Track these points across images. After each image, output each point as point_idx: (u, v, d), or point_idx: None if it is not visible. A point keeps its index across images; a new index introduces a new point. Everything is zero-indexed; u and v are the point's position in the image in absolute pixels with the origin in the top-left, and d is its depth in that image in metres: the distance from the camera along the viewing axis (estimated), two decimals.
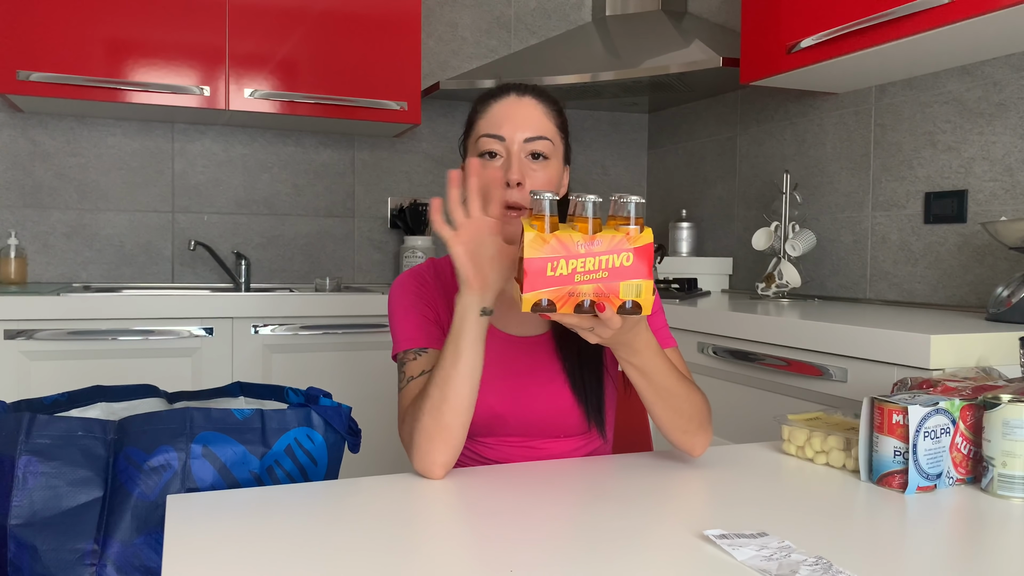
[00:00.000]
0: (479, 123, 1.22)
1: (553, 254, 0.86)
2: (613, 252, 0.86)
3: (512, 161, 1.16)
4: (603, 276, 0.86)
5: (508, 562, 0.75)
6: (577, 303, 0.87)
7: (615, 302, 0.87)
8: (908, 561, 0.79)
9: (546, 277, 0.86)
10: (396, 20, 2.70)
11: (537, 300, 0.86)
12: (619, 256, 0.86)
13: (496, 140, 1.18)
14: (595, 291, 0.87)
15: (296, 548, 0.77)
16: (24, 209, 2.67)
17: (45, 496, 1.02)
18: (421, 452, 1.03)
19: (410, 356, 1.18)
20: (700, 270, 2.82)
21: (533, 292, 0.86)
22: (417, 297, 1.24)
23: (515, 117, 1.19)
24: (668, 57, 2.58)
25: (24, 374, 2.13)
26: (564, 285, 0.86)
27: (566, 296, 0.86)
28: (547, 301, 0.86)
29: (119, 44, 2.43)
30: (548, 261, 0.86)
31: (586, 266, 0.86)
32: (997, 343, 1.48)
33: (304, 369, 2.39)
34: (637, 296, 0.88)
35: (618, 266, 0.86)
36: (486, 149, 1.19)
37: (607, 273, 0.86)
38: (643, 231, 0.88)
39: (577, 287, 0.86)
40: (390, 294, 1.27)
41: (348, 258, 3.05)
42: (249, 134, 2.91)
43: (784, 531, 0.83)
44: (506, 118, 1.19)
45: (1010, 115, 1.97)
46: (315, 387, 1.27)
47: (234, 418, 1.07)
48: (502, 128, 1.18)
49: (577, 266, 0.86)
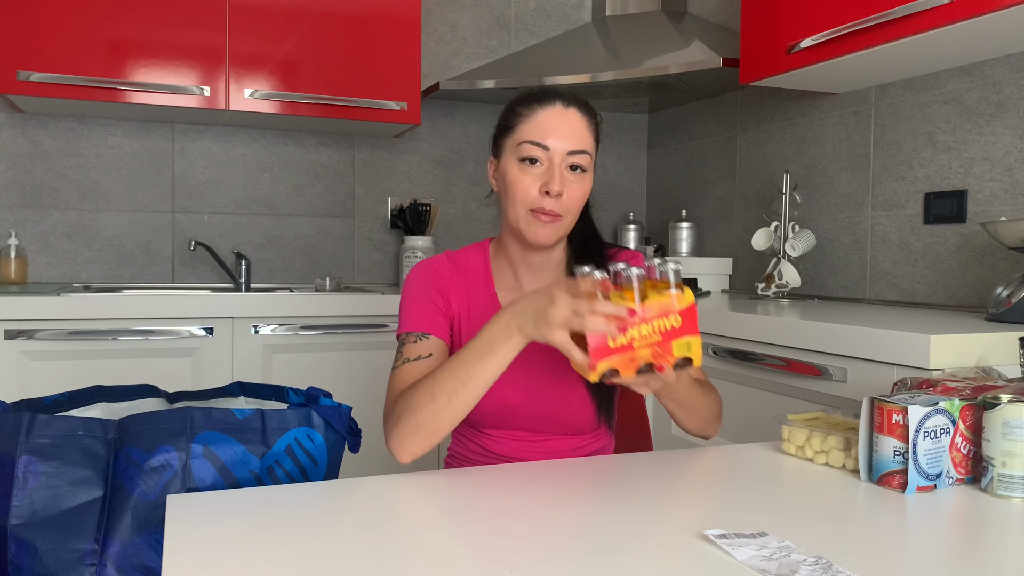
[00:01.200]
0: (523, 127, 1.22)
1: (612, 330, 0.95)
2: (663, 316, 0.96)
3: (554, 173, 1.19)
4: (657, 339, 0.96)
5: (508, 562, 0.75)
6: (638, 366, 0.96)
7: (670, 360, 0.98)
8: (908, 561, 0.79)
9: (608, 348, 0.94)
10: (396, 20, 2.70)
11: (604, 370, 0.95)
12: (669, 319, 0.97)
13: (540, 149, 1.20)
14: (652, 353, 0.97)
15: (296, 548, 0.77)
16: (24, 209, 2.67)
17: (45, 496, 1.02)
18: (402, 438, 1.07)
19: (411, 339, 1.21)
20: (700, 270, 2.82)
21: (600, 363, 0.95)
22: (431, 284, 1.27)
23: (561, 128, 1.21)
24: (668, 57, 2.58)
25: (24, 374, 2.13)
26: (625, 352, 0.95)
27: (628, 362, 0.95)
28: (612, 370, 0.95)
29: (119, 44, 2.43)
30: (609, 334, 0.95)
31: (642, 332, 0.96)
32: (997, 343, 1.48)
33: (304, 369, 2.39)
34: (688, 351, 0.98)
35: (669, 328, 0.97)
36: (528, 155, 1.21)
37: (660, 336, 0.96)
38: (684, 292, 0.98)
39: (636, 353, 0.96)
40: (407, 278, 1.31)
41: (348, 258, 3.05)
42: (249, 134, 2.91)
43: (784, 531, 0.83)
44: (552, 128, 1.21)
45: (1009, 115, 1.97)
46: (315, 387, 1.27)
47: (234, 418, 1.07)
48: (548, 138, 1.20)
49: (634, 334, 0.95)
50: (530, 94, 1.25)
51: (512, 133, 1.23)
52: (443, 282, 1.28)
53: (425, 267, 1.31)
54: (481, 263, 1.33)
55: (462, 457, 1.34)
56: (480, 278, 1.31)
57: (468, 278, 1.30)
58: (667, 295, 0.97)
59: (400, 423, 1.07)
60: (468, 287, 1.29)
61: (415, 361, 1.18)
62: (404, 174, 3.12)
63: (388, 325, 2.46)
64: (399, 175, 3.11)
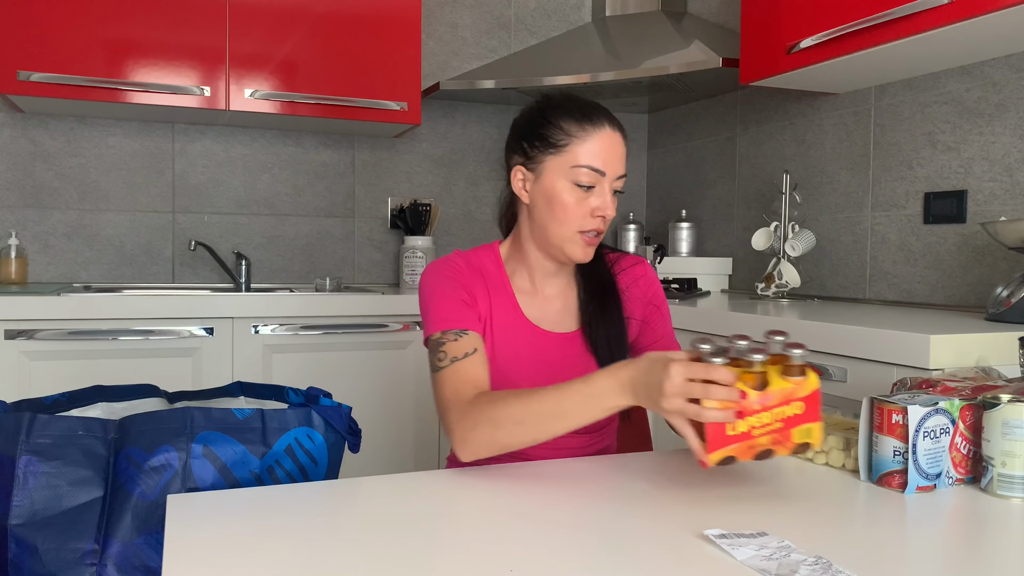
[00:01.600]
0: (576, 150, 1.22)
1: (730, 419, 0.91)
2: (785, 403, 0.92)
3: (607, 198, 1.23)
4: (778, 427, 0.92)
5: (508, 562, 0.75)
6: (756, 453, 0.93)
7: (789, 446, 0.93)
8: (908, 561, 0.79)
9: (726, 436, 0.91)
10: (396, 20, 2.70)
11: (721, 458, 0.91)
12: (791, 406, 0.92)
13: (598, 175, 1.22)
14: (772, 440, 0.92)
15: (296, 548, 0.78)
16: (24, 209, 2.67)
17: (46, 496, 1.02)
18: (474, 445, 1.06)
19: (450, 336, 1.19)
20: (700, 270, 2.82)
21: (717, 452, 0.91)
22: (455, 282, 1.27)
23: (613, 154, 1.23)
24: (668, 57, 2.58)
25: (24, 374, 2.13)
26: (743, 441, 0.91)
27: (746, 449, 0.92)
28: (729, 458, 0.92)
29: (119, 44, 2.43)
30: (727, 422, 0.91)
31: (761, 420, 0.91)
32: (997, 343, 1.48)
33: (304, 369, 2.39)
34: (809, 438, 0.93)
35: (790, 415, 0.92)
36: (587, 182, 1.22)
37: (781, 424, 0.92)
38: (808, 378, 0.93)
39: (756, 440, 0.92)
40: (424, 279, 1.29)
41: (348, 258, 3.05)
42: (249, 134, 2.91)
43: (784, 531, 0.84)
44: (607, 154, 1.23)
45: (1009, 115, 1.97)
46: (315, 387, 1.27)
47: (234, 418, 1.07)
48: (606, 165, 1.23)
49: (753, 422, 0.91)
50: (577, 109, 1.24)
51: (562, 153, 1.22)
52: (465, 280, 1.28)
53: (444, 265, 1.30)
54: (494, 265, 1.33)
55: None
56: (496, 280, 1.32)
57: (484, 279, 1.31)
58: (790, 381, 0.92)
59: (476, 431, 1.06)
60: (487, 287, 1.30)
61: (464, 359, 1.16)
62: (404, 174, 3.12)
63: (388, 325, 2.46)
64: (399, 175, 3.11)
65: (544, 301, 1.33)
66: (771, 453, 0.92)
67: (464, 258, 1.32)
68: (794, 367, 0.92)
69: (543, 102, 1.28)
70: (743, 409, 0.90)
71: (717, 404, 0.90)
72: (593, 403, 1.01)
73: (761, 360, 0.92)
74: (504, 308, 1.30)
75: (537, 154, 1.25)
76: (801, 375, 0.92)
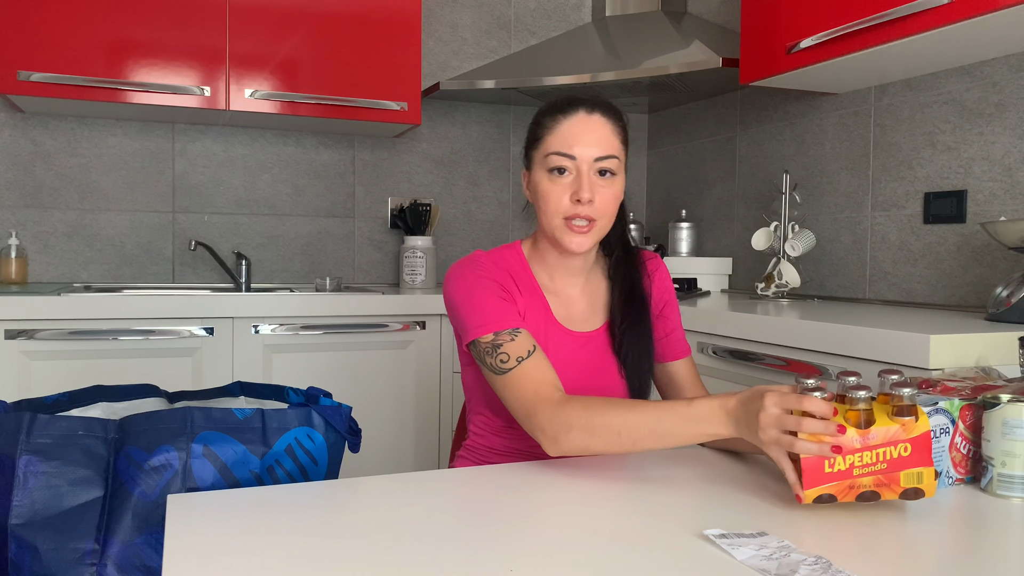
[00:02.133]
0: (548, 139, 1.24)
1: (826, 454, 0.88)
2: (890, 444, 0.88)
3: (583, 180, 1.21)
4: (882, 468, 0.88)
5: (508, 562, 0.75)
6: (859, 493, 0.89)
7: (896, 490, 0.89)
8: (908, 561, 0.79)
9: (824, 474, 0.88)
10: (396, 20, 2.71)
11: (817, 495, 0.88)
12: (896, 447, 0.88)
13: (567, 158, 1.22)
14: (875, 481, 0.89)
15: (296, 548, 0.78)
16: (25, 209, 2.67)
17: (46, 496, 1.02)
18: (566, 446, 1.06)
19: (505, 337, 1.17)
20: (700, 270, 2.82)
21: (813, 489, 0.88)
22: (492, 280, 1.25)
23: (585, 136, 1.22)
24: (668, 57, 2.58)
25: (25, 374, 2.13)
26: (843, 480, 0.88)
27: (846, 489, 0.88)
28: (828, 495, 0.88)
29: (119, 44, 2.43)
30: (825, 458, 0.88)
31: (864, 460, 0.88)
32: (996, 343, 1.48)
33: (304, 369, 2.39)
34: (919, 483, 0.89)
35: (896, 457, 0.88)
36: (556, 166, 1.23)
37: (886, 464, 0.88)
38: (919, 419, 0.89)
39: (856, 480, 0.88)
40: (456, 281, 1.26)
41: (348, 258, 3.05)
42: (249, 134, 2.91)
43: (784, 531, 0.84)
44: (576, 137, 1.22)
45: (1009, 115, 1.97)
46: (315, 387, 1.27)
47: (235, 418, 1.07)
48: (573, 147, 1.22)
49: (855, 460, 0.88)
50: (554, 104, 1.26)
51: (539, 145, 1.25)
52: (502, 279, 1.27)
53: (475, 266, 1.27)
54: (519, 264, 1.33)
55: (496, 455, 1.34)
56: (525, 280, 1.32)
57: (514, 279, 1.30)
58: (897, 421, 0.89)
59: (571, 433, 1.06)
60: (517, 287, 1.30)
61: (530, 358, 1.15)
62: (404, 174, 3.12)
63: (388, 325, 2.46)
64: (399, 175, 3.11)
65: (568, 300, 1.33)
66: (876, 496, 0.89)
67: (490, 258, 1.30)
68: (904, 407, 0.89)
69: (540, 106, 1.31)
70: (842, 445, 0.87)
71: (811, 437, 0.88)
72: (693, 427, 1.01)
73: (864, 397, 0.90)
74: (535, 308, 1.30)
75: (528, 152, 1.29)
76: (911, 416, 0.89)
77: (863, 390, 0.90)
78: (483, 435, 1.35)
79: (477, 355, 1.20)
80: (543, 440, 1.08)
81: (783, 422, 0.90)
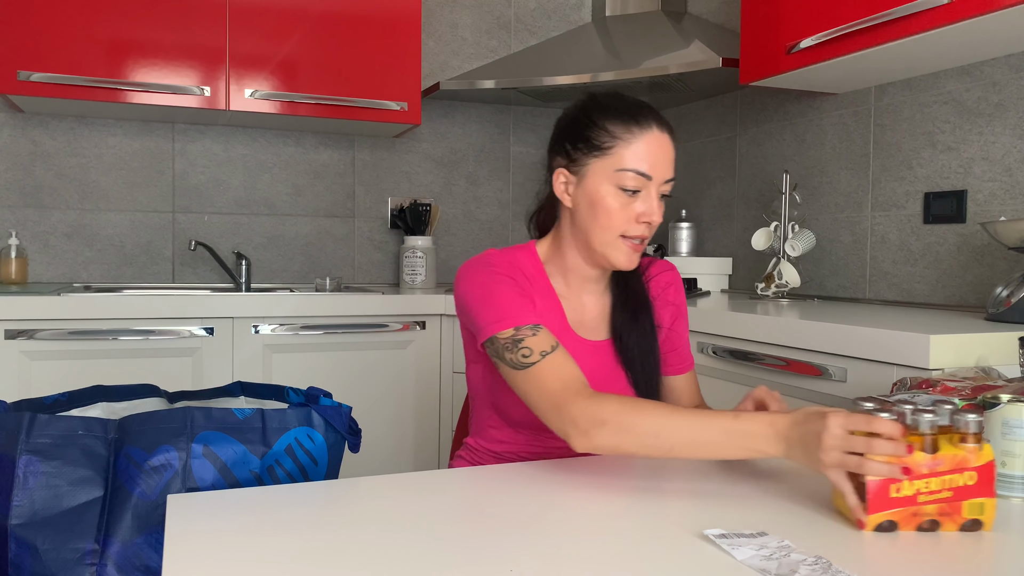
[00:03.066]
0: (622, 152, 1.18)
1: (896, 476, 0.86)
2: (956, 471, 0.86)
3: (653, 203, 1.19)
4: (947, 496, 0.86)
5: (508, 562, 0.75)
6: (920, 522, 0.87)
7: (958, 520, 0.87)
8: (907, 561, 0.79)
9: (889, 499, 0.85)
10: (396, 20, 2.71)
11: (880, 521, 0.86)
12: (962, 475, 0.86)
13: (643, 178, 1.18)
14: (939, 510, 0.86)
15: (296, 548, 0.78)
16: (25, 209, 2.67)
17: (46, 496, 1.02)
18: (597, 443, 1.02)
19: (526, 331, 1.13)
20: (700, 270, 2.82)
21: (877, 514, 0.86)
22: (509, 277, 1.21)
23: (660, 157, 1.19)
24: (668, 57, 2.58)
25: (25, 374, 2.13)
26: (908, 506, 0.86)
27: (910, 516, 0.86)
28: (889, 522, 0.86)
29: (119, 44, 2.43)
30: (892, 483, 0.85)
31: (929, 487, 0.86)
32: (996, 343, 1.48)
33: (304, 369, 2.39)
34: (980, 514, 0.87)
35: (961, 485, 0.86)
36: (632, 186, 1.18)
37: (951, 493, 0.86)
38: (983, 448, 0.87)
39: (920, 508, 0.86)
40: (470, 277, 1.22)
41: (348, 258, 3.05)
42: (249, 134, 2.91)
43: (784, 531, 0.84)
44: (655, 158, 1.18)
45: (1009, 115, 1.97)
46: (315, 387, 1.27)
47: (235, 417, 1.07)
48: (653, 168, 1.18)
49: (920, 487, 0.86)
50: (620, 108, 1.20)
51: (607, 156, 1.18)
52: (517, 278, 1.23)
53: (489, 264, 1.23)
54: (533, 266, 1.29)
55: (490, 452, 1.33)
56: (539, 282, 1.28)
57: (529, 280, 1.27)
58: (963, 448, 0.86)
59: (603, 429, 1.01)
60: (531, 288, 1.26)
61: (553, 353, 1.11)
62: (404, 174, 3.12)
63: (388, 325, 2.46)
64: (399, 175, 3.11)
65: (581, 307, 1.30)
66: (937, 525, 0.87)
67: (504, 257, 1.26)
68: (969, 436, 0.87)
69: (588, 102, 1.23)
70: (910, 468, 0.85)
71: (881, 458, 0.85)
72: (738, 442, 0.96)
73: (930, 421, 0.87)
74: (549, 312, 1.27)
75: (580, 156, 1.21)
76: (975, 444, 0.87)
77: (929, 413, 0.88)
78: (484, 434, 1.35)
79: (495, 352, 1.15)
80: (573, 433, 1.03)
81: (850, 443, 0.87)
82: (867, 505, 0.85)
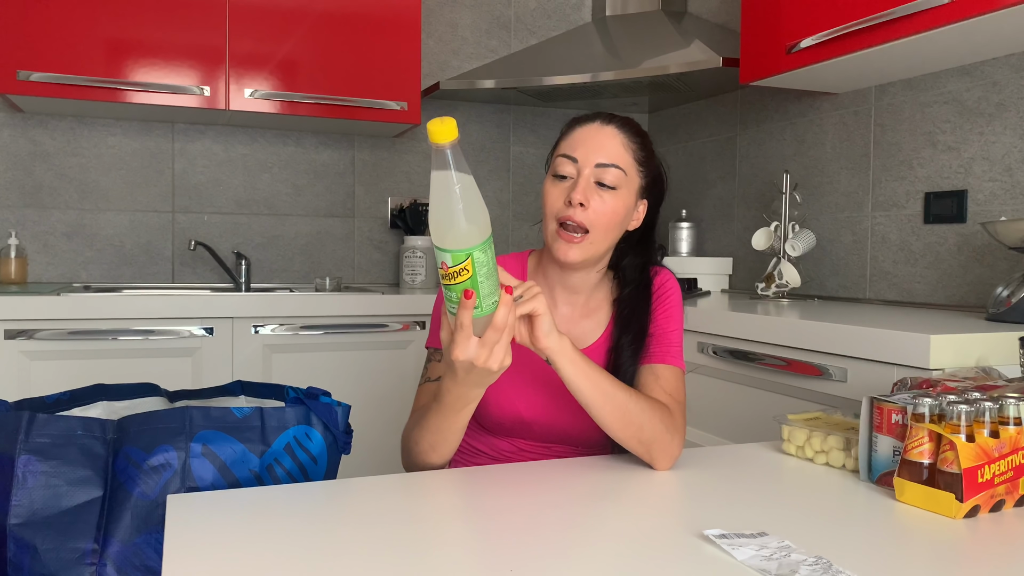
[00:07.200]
0: (560, 144, 1.24)
1: (979, 461, 0.91)
2: (1015, 452, 0.93)
3: (579, 183, 1.18)
4: (1008, 476, 0.93)
5: (508, 562, 0.75)
6: (992, 505, 0.93)
7: (1015, 496, 0.94)
8: (908, 561, 0.79)
9: (977, 484, 0.91)
10: (396, 20, 2.70)
11: (970, 508, 0.91)
12: (1019, 455, 0.94)
13: (570, 162, 1.20)
14: (1006, 489, 0.93)
15: (296, 548, 0.77)
16: (24, 209, 2.67)
17: (45, 495, 1.02)
18: (409, 463, 1.15)
19: (435, 356, 1.23)
20: (700, 270, 2.82)
21: (970, 501, 0.90)
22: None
23: (591, 142, 1.21)
24: (668, 57, 2.58)
25: (25, 374, 2.13)
26: (988, 489, 0.92)
27: (988, 498, 0.92)
28: (976, 507, 0.92)
29: (119, 44, 2.43)
30: (978, 469, 0.91)
31: (1000, 468, 0.93)
32: (997, 343, 1.48)
33: (304, 369, 2.39)
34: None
35: (1018, 464, 0.94)
36: (560, 172, 1.21)
37: (1012, 472, 0.93)
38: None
39: (995, 489, 0.93)
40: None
41: (348, 258, 3.05)
42: (249, 134, 2.91)
43: (784, 531, 0.83)
44: (582, 142, 1.21)
45: (1010, 115, 1.97)
46: (315, 387, 1.27)
47: (233, 417, 1.07)
48: (576, 151, 1.20)
49: (995, 470, 0.92)
50: (577, 117, 1.26)
51: (553, 152, 1.25)
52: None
53: None
54: (519, 275, 1.30)
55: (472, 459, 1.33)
56: None
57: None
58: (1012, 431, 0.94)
59: (408, 454, 1.16)
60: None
61: (434, 381, 1.19)
62: (404, 174, 3.12)
63: (388, 325, 2.46)
64: (399, 175, 3.11)
65: (560, 318, 1.28)
66: (1002, 504, 0.94)
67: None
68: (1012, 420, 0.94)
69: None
70: (989, 457, 0.91)
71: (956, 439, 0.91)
72: (467, 408, 1.07)
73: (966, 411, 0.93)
74: None
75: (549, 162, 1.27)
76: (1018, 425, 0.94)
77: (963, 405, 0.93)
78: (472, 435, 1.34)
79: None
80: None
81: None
82: (963, 493, 0.90)
